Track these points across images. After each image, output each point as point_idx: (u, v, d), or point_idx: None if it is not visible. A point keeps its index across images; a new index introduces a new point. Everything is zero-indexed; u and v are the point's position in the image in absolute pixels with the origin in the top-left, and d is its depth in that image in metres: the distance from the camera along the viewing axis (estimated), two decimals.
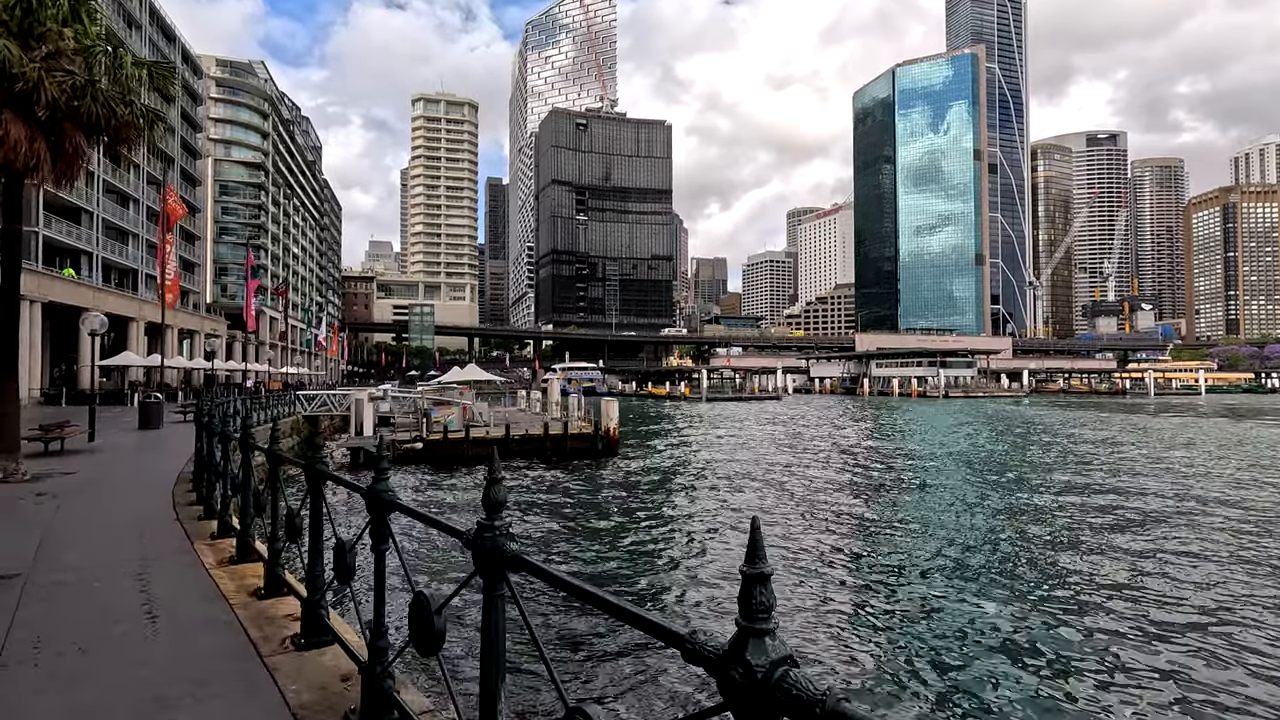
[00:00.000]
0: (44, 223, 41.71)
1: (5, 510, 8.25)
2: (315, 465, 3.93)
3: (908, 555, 13.60)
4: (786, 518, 17.35)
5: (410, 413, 33.45)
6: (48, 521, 7.54)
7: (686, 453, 32.53)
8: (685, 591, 11.49)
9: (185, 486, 9.97)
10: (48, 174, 10.55)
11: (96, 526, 7.35)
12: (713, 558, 13.59)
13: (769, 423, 52.52)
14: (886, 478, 24.32)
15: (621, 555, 13.97)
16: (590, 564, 13.23)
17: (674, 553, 14.08)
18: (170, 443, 17.44)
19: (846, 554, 13.82)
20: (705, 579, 12.06)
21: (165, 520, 7.70)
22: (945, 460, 29.10)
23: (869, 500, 19.93)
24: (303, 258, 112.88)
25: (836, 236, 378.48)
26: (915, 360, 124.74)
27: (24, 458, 13.47)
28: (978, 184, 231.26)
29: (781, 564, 12.60)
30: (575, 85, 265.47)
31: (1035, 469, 26.26)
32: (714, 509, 18.81)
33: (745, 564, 1.35)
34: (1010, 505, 18.85)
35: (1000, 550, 13.93)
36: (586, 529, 16.32)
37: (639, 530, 16.26)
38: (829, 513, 18.06)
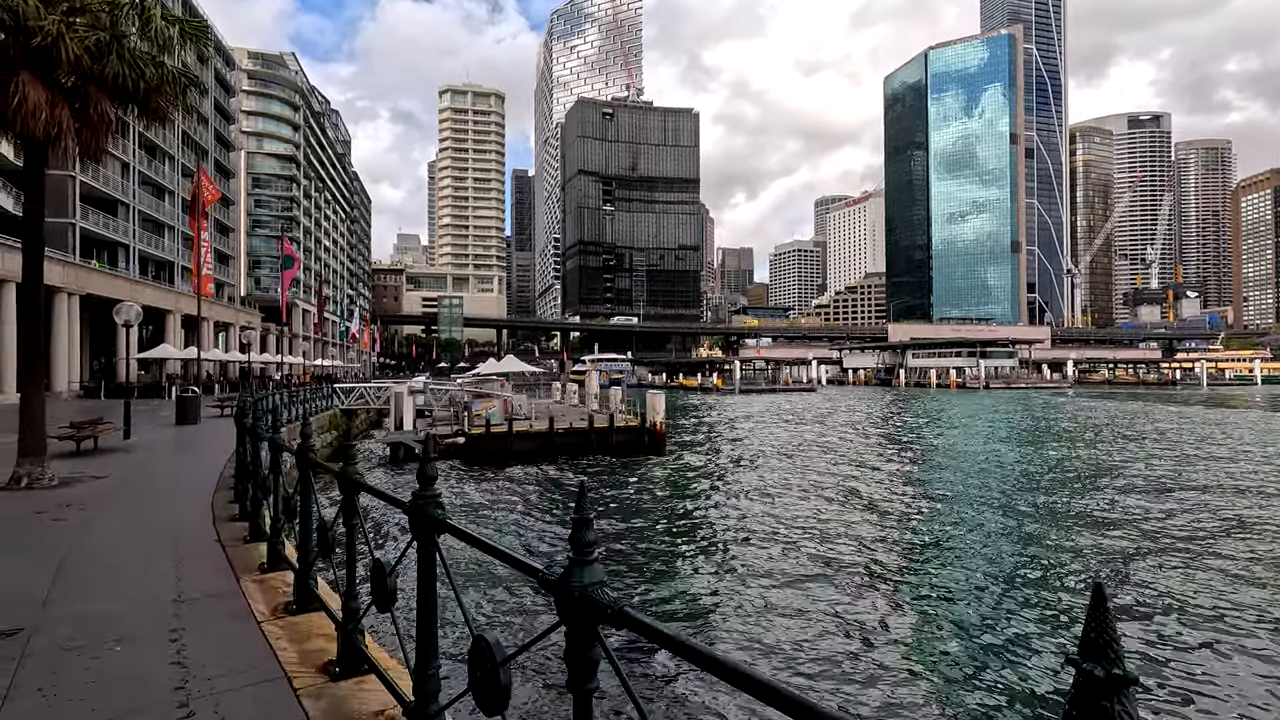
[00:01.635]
0: (81, 214, 41.48)
1: (22, 529, 7.10)
2: (427, 510, 2.57)
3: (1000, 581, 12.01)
4: (853, 528, 15.82)
5: (448, 406, 32.46)
6: (69, 544, 6.36)
7: (736, 448, 31.04)
8: (772, 613, 10.06)
9: (226, 495, 8.80)
10: (71, 144, 9.41)
11: (124, 551, 6.15)
12: (802, 568, 12.14)
13: (810, 416, 50.73)
14: (969, 487, 22.60)
15: (689, 560, 12.60)
16: (659, 580, 11.87)
17: (758, 566, 12.65)
18: (208, 440, 16.47)
19: (941, 588, 12.27)
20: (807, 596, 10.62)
21: (204, 541, 6.49)
22: (1030, 467, 27.21)
23: (951, 512, 18.29)
24: (334, 250, 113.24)
25: (866, 225, 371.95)
26: (954, 350, 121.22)
27: (54, 459, 12.50)
28: (1013, 169, 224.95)
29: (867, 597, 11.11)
30: (601, 75, 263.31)
31: (1137, 475, 24.30)
32: (774, 511, 17.34)
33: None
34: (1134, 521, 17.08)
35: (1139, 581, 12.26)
36: (659, 546, 14.97)
37: (711, 538, 14.87)
38: (904, 526, 16.47)
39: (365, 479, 3.58)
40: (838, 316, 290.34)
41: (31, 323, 9.92)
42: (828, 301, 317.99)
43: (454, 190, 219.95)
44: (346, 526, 3.63)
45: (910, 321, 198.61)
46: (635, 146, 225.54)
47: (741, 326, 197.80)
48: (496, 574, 11.39)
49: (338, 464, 3.40)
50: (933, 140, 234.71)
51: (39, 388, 9.87)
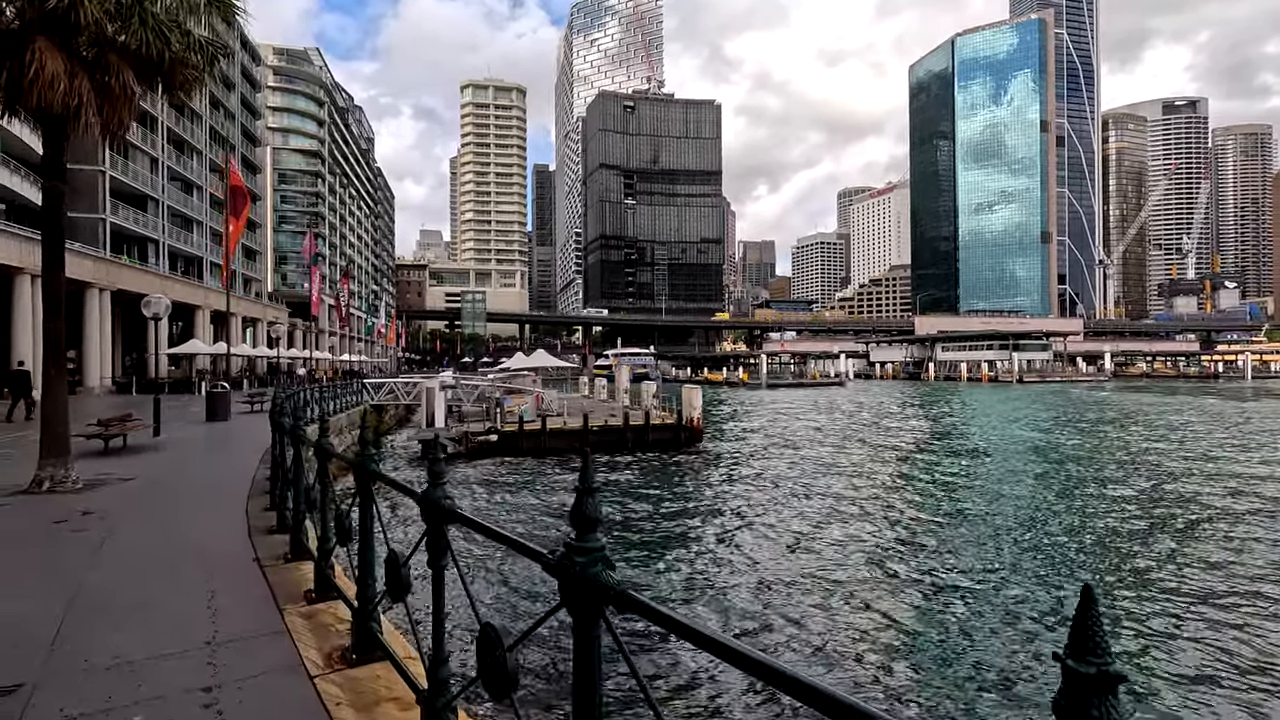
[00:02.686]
0: (111, 209, 41.47)
1: (39, 543, 6.33)
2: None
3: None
4: (917, 539, 14.70)
5: (479, 402, 31.76)
6: (87, 564, 5.56)
7: (774, 446, 29.94)
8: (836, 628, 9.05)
9: (260, 502, 8.01)
10: (92, 119, 8.66)
11: (150, 574, 5.33)
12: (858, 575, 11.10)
13: (844, 411, 49.38)
14: (1031, 493, 21.31)
15: (720, 560, 11.62)
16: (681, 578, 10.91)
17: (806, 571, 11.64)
18: (239, 438, 15.83)
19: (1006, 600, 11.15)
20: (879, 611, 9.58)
21: (240, 560, 5.65)
22: (1100, 470, 25.78)
23: (1008, 520, 17.08)
24: (359, 246, 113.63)
25: (890, 216, 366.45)
26: (985, 343, 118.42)
27: (81, 458, 11.86)
28: (1044, 158, 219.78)
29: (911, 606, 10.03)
30: (622, 68, 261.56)
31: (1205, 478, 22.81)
32: (825, 516, 16.27)
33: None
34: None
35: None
36: (706, 548, 14.01)
37: (760, 543, 13.87)
38: (973, 537, 15.31)
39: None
40: (862, 310, 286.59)
41: (53, 315, 9.21)
42: (852, 294, 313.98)
43: (476, 185, 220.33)
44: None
45: (937, 314, 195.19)
46: (656, 139, 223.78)
47: (764, 320, 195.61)
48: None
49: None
50: (959, 129, 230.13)
51: (62, 384, 9.16)
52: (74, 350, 37.05)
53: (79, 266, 34.38)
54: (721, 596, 10.65)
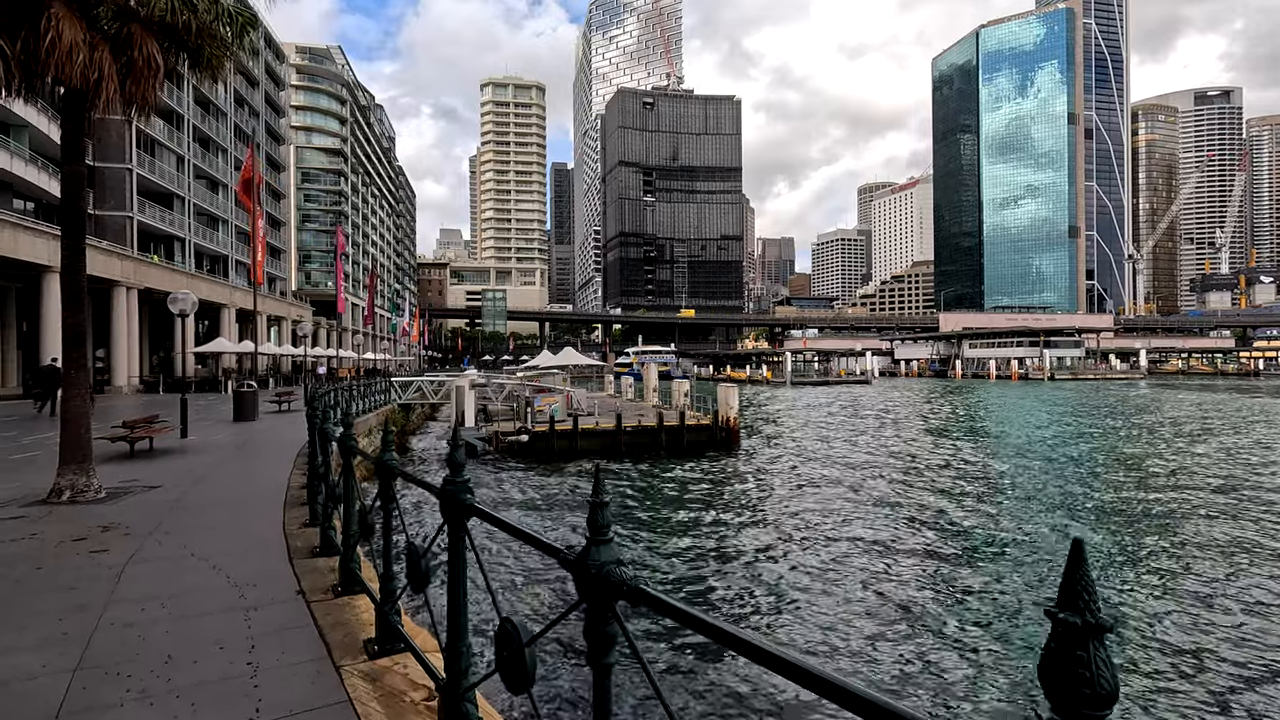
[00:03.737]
0: (138, 207, 41.34)
1: (52, 568, 5.51)
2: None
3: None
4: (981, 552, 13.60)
5: (507, 400, 31.04)
6: (105, 596, 4.75)
7: (812, 447, 28.85)
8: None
9: (298, 516, 7.20)
10: (113, 94, 7.91)
11: (177, 613, 4.48)
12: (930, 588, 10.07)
13: (875, 410, 48.04)
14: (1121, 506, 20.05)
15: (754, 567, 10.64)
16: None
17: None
18: (268, 440, 15.15)
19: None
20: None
21: (282, 593, 4.82)
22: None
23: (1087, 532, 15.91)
24: (381, 244, 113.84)
25: (912, 212, 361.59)
26: (1015, 340, 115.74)
27: (106, 462, 11.19)
28: (1071, 151, 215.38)
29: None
30: (641, 65, 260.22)
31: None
32: (876, 524, 15.22)
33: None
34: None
35: None
36: (758, 563, 13.07)
37: (812, 555, 12.87)
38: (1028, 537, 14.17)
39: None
40: (884, 306, 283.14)
41: (74, 310, 8.48)
42: (874, 291, 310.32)
43: (496, 183, 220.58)
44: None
45: (961, 311, 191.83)
46: (676, 136, 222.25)
47: (785, 317, 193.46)
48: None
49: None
50: (984, 122, 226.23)
51: (83, 385, 8.43)
52: (102, 349, 36.96)
53: (107, 265, 34.20)
54: (794, 622, 9.70)
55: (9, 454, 12.84)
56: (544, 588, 10.74)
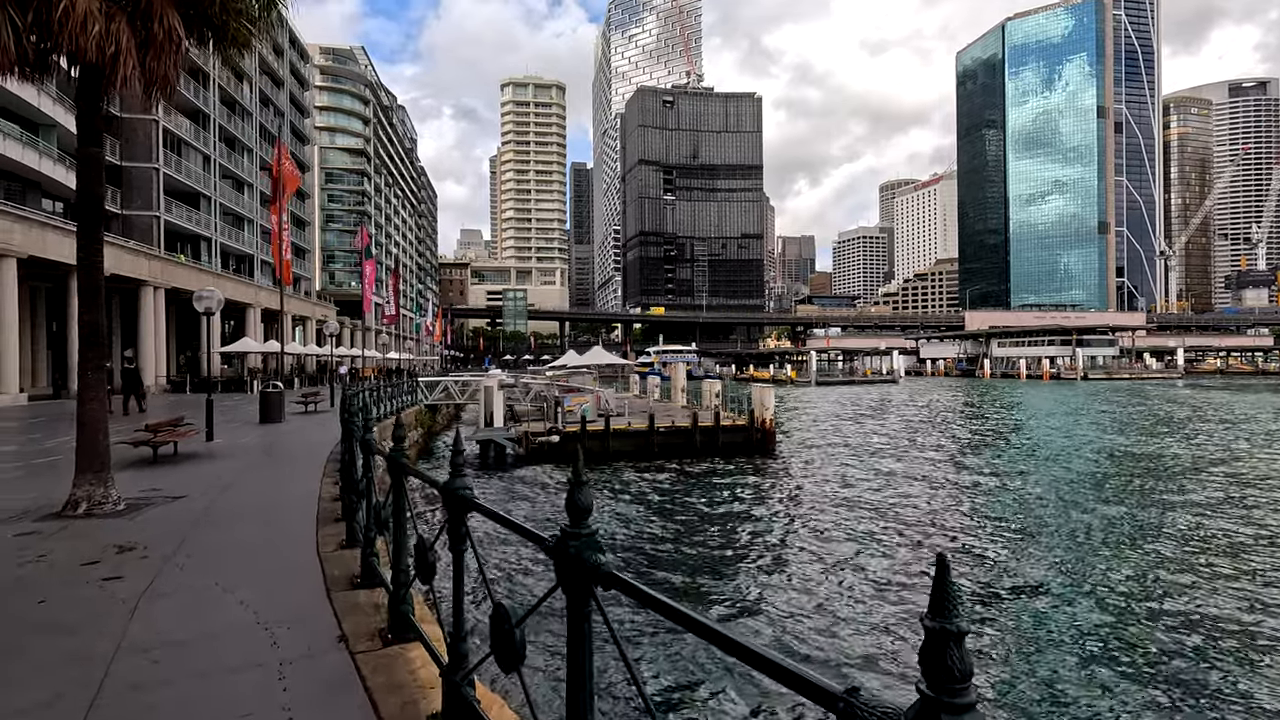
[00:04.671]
0: (165, 207, 41.33)
1: (57, 602, 4.77)
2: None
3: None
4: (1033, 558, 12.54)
5: (535, 400, 30.36)
6: (114, 641, 3.99)
7: (850, 449, 27.78)
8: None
9: (333, 535, 6.46)
10: (132, 71, 7.24)
11: (196, 669, 3.71)
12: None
13: (908, 411, 46.71)
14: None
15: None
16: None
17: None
18: (296, 444, 14.54)
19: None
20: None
21: (322, 639, 4.04)
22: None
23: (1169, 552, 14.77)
24: (403, 244, 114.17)
25: (936, 209, 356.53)
26: (1045, 339, 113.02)
27: (127, 468, 10.59)
28: (1101, 145, 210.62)
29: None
30: (660, 64, 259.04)
31: None
32: (931, 534, 14.20)
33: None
34: None
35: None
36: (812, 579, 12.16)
37: (871, 571, 11.92)
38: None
39: None
40: (907, 305, 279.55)
41: (91, 306, 7.82)
42: (896, 289, 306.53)
43: (516, 182, 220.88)
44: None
45: (987, 309, 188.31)
46: (696, 134, 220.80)
47: (807, 316, 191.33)
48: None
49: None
50: (1010, 117, 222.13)
51: (99, 389, 7.78)
52: (130, 349, 36.95)
53: (134, 264, 34.10)
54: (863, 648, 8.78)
55: (31, 458, 12.35)
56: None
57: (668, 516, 15.97)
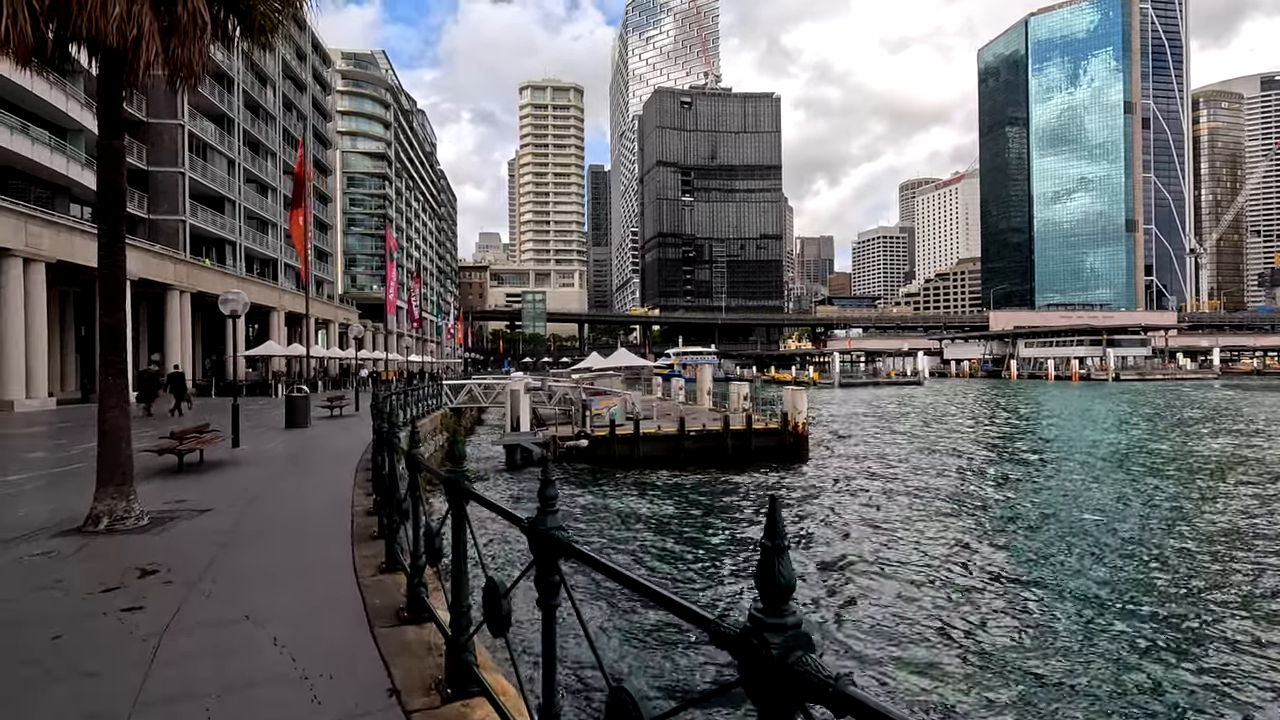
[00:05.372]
0: (190, 211, 41.48)
1: (70, 641, 4.23)
2: None
3: None
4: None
5: (560, 403, 29.85)
6: (127, 705, 3.43)
7: (885, 454, 26.92)
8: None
9: (370, 556, 5.90)
10: (154, 57, 6.77)
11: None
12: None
13: (937, 413, 45.58)
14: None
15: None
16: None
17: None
18: (324, 451, 14.11)
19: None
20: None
21: (369, 692, 3.47)
22: None
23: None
24: (424, 247, 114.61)
25: (957, 208, 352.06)
26: (1073, 339, 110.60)
27: (152, 477, 10.17)
28: (1128, 141, 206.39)
29: None
30: (678, 65, 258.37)
31: None
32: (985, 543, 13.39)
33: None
34: None
35: None
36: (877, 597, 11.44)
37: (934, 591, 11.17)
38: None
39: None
40: (929, 305, 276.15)
41: (112, 309, 7.37)
42: (917, 290, 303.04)
43: (535, 185, 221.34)
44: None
45: (1011, 309, 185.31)
46: (714, 135, 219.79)
47: (829, 317, 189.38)
48: None
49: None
50: (1034, 113, 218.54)
51: (121, 395, 7.31)
52: (158, 353, 37.05)
53: (160, 268, 34.16)
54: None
55: (55, 465, 12.01)
56: None
57: (702, 528, 15.32)
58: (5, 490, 9.71)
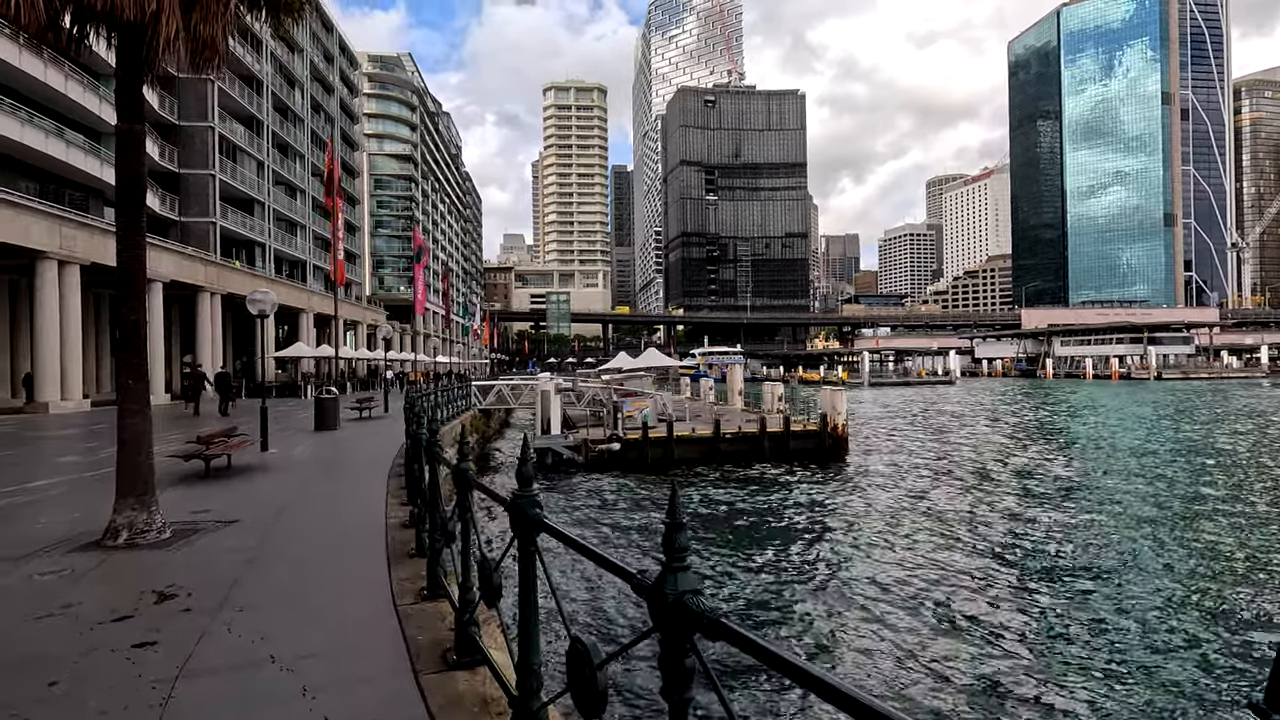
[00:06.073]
0: (220, 213, 41.72)
1: (66, 694, 3.63)
2: None
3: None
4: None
5: (589, 405, 29.28)
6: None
7: (929, 457, 25.87)
8: None
9: (408, 578, 5.29)
10: (175, 33, 6.25)
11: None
12: None
13: (974, 413, 44.17)
14: None
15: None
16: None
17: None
18: (354, 454, 13.66)
19: None
20: None
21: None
22: None
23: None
24: (450, 249, 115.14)
25: (986, 204, 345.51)
26: (1112, 337, 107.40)
27: (177, 484, 9.73)
28: (1166, 133, 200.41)
29: None
30: (701, 64, 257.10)
31: None
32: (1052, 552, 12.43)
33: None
34: None
35: None
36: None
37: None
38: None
39: None
40: (957, 304, 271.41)
41: (133, 305, 6.86)
42: (946, 288, 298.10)
43: (559, 185, 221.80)
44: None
45: (1044, 307, 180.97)
46: (738, 133, 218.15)
47: (855, 316, 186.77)
48: None
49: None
50: (1067, 106, 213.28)
51: (141, 401, 6.81)
52: (189, 354, 37.27)
53: (192, 270, 34.30)
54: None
55: (82, 469, 11.68)
56: None
57: (746, 531, 14.57)
58: (30, 497, 9.34)
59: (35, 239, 24.32)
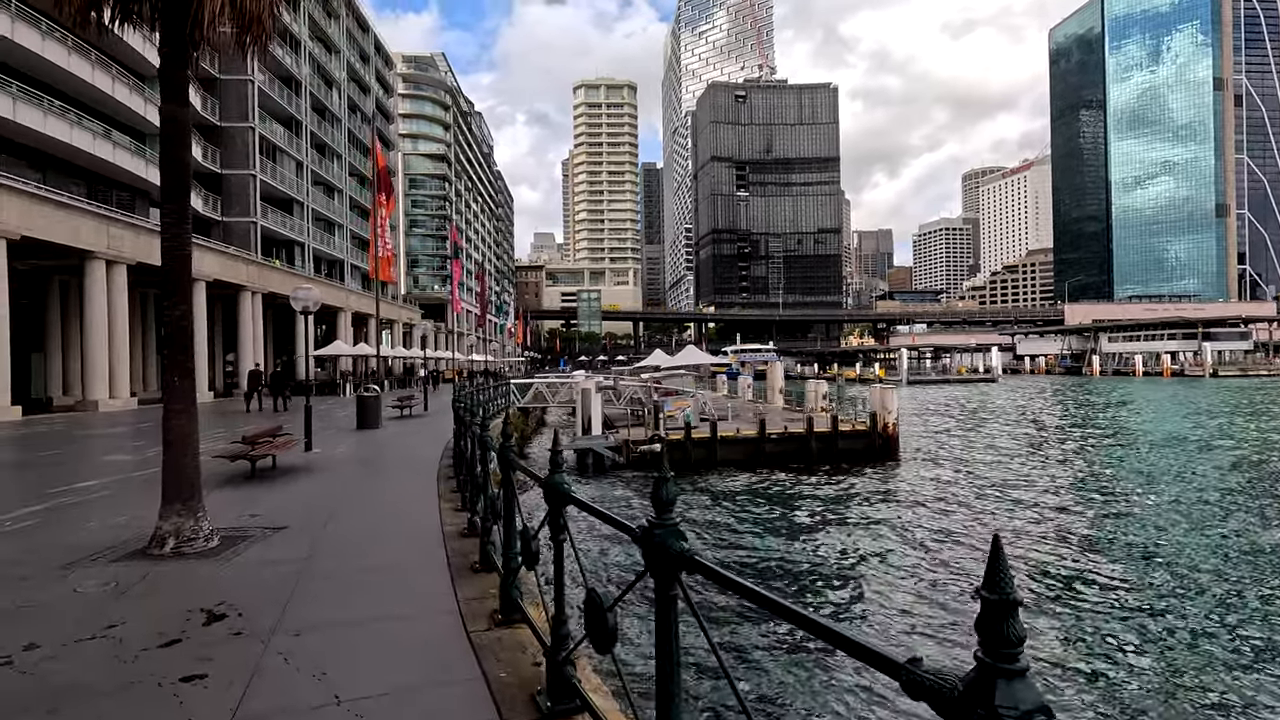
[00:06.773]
0: (261, 213, 42.20)
1: (123, 704, 3.19)
2: None
3: None
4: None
5: (627, 404, 28.76)
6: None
7: (982, 459, 24.75)
8: None
9: (475, 595, 4.77)
10: (220, 9, 5.82)
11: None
12: None
13: (1023, 412, 42.55)
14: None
15: None
16: None
17: None
18: (400, 453, 13.33)
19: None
20: None
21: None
22: None
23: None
24: (482, 248, 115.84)
25: (1025, 197, 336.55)
26: (1164, 333, 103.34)
27: (224, 485, 9.42)
28: (1218, 120, 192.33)
29: None
30: (731, 59, 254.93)
31: None
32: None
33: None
34: None
35: None
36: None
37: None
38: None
39: None
40: (996, 299, 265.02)
41: (176, 301, 6.47)
42: (983, 283, 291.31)
43: (589, 183, 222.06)
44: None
45: (1088, 302, 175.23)
46: (769, 128, 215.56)
47: (890, 312, 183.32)
48: None
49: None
50: (1111, 94, 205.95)
51: (187, 400, 6.41)
52: (232, 353, 37.74)
53: (234, 269, 34.66)
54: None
55: (129, 470, 11.50)
56: None
57: (800, 537, 13.87)
58: (78, 498, 9.11)
59: (84, 239, 24.66)
